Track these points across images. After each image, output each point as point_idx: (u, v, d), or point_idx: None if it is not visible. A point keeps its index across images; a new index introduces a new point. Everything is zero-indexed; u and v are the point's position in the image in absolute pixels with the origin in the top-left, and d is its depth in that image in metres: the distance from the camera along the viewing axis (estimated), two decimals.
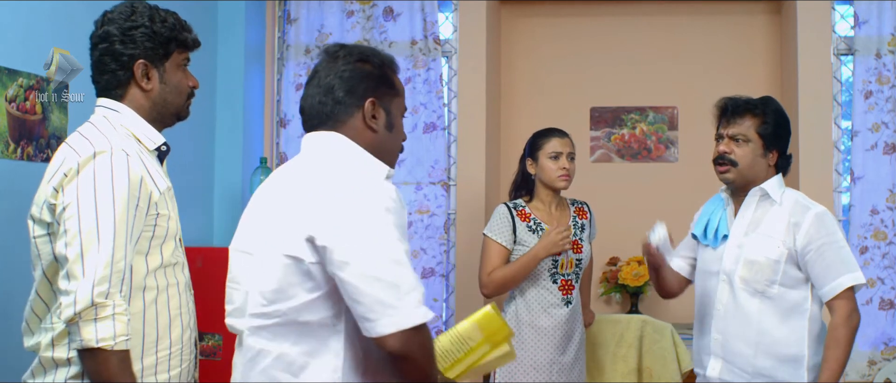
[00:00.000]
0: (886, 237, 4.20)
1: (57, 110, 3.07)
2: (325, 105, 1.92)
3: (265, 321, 1.82)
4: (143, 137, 2.15)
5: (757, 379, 2.69)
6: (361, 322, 1.73)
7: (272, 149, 4.63)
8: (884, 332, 4.20)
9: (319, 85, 1.94)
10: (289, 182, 1.90)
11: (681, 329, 4.19)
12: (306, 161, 1.91)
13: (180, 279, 2.19)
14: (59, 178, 2.00)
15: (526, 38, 4.83)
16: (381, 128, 1.95)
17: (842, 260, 2.62)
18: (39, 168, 2.97)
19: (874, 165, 4.22)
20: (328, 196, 1.76)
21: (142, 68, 2.14)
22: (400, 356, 1.71)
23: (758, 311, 2.68)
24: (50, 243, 2.06)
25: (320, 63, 1.97)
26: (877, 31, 4.24)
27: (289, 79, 4.63)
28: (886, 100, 4.21)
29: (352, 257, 1.70)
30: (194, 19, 2.48)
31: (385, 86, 1.96)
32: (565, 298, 3.42)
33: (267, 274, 1.82)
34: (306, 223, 1.75)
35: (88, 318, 1.90)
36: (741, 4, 4.69)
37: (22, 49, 2.93)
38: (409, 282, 1.72)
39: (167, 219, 2.13)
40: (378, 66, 1.96)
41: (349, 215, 1.73)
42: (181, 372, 2.17)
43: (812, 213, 2.66)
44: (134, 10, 2.15)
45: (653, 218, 4.64)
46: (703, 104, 4.62)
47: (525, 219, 3.45)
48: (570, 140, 3.49)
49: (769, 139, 2.71)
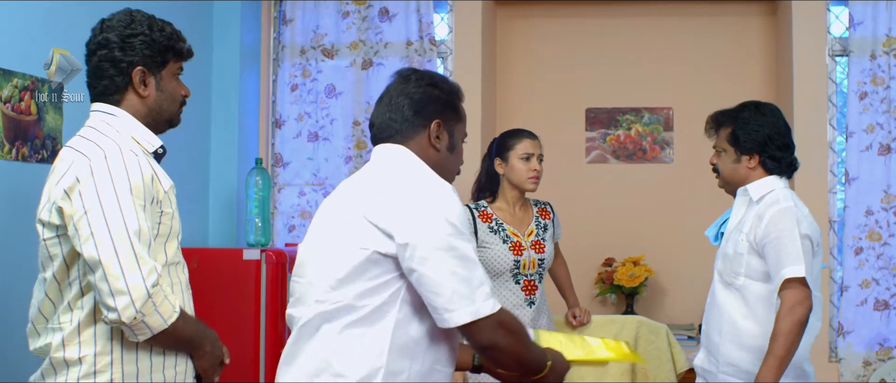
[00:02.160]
0: (881, 238, 4.21)
1: (52, 111, 3.07)
2: (394, 121, 2.07)
3: (327, 307, 1.93)
4: (142, 140, 2.20)
5: (724, 368, 2.78)
6: (441, 313, 1.88)
7: (267, 150, 4.63)
8: (879, 333, 4.21)
9: (390, 104, 2.09)
10: (364, 184, 2.03)
11: (676, 329, 4.20)
12: (380, 167, 2.06)
13: (181, 278, 2.24)
14: (70, 182, 2.04)
15: (521, 39, 4.84)
16: (444, 149, 2.11)
17: (788, 252, 2.65)
18: (34, 169, 2.98)
19: (869, 166, 4.23)
20: (407, 197, 1.92)
21: (140, 75, 2.19)
22: (486, 346, 1.92)
23: (727, 302, 2.80)
24: (60, 245, 2.09)
25: (392, 84, 2.13)
26: (871, 33, 4.25)
27: (284, 79, 4.63)
28: (881, 101, 4.22)
29: (432, 254, 1.86)
30: (189, 20, 2.50)
31: (450, 110, 2.12)
32: (528, 298, 3.43)
33: (337, 263, 1.93)
34: (385, 219, 1.90)
35: (150, 311, 2.00)
36: (736, 5, 4.69)
37: (17, 50, 2.92)
38: (479, 277, 1.91)
39: (171, 218, 2.19)
40: (446, 92, 2.12)
41: (429, 216, 1.89)
42: (181, 371, 2.20)
43: (776, 208, 2.73)
44: (133, 18, 2.20)
45: (649, 219, 4.68)
46: (698, 105, 4.63)
47: (487, 219, 3.45)
48: (539, 142, 3.51)
49: (740, 146, 2.82)
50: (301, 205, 4.58)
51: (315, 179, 4.57)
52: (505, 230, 3.43)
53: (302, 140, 4.58)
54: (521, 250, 3.42)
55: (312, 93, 4.58)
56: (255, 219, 4.09)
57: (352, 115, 4.54)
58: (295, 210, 4.58)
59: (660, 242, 4.60)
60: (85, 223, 2.00)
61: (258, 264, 3.66)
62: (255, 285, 3.64)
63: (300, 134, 4.59)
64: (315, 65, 4.59)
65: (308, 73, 4.59)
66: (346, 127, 4.55)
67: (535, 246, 3.45)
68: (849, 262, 4.25)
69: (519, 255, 3.41)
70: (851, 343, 4.23)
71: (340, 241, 1.94)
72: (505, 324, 1.93)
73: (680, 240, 4.57)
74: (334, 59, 4.57)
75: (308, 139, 4.58)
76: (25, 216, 2.92)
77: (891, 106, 4.21)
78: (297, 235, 4.55)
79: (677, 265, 4.62)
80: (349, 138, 4.54)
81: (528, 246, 3.44)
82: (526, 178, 3.43)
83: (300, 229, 4.56)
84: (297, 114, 4.59)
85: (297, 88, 4.60)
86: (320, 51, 4.58)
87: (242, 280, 3.65)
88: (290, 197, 4.59)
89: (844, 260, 4.27)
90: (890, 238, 4.20)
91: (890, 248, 4.21)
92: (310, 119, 4.58)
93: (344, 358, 1.90)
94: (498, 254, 3.41)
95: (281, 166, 4.60)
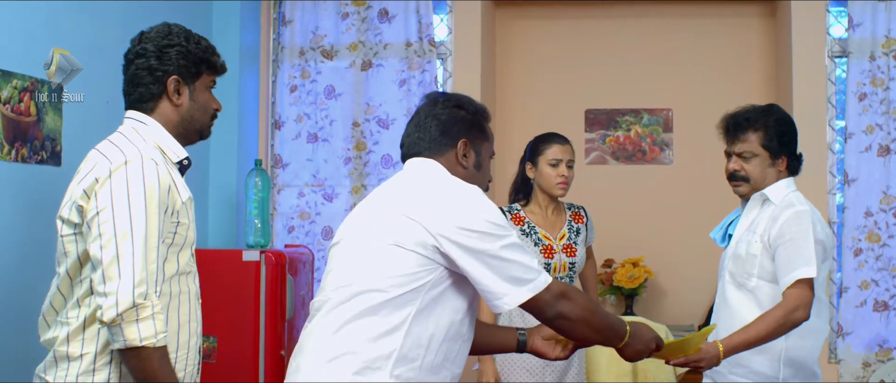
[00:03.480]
0: (880, 239, 4.21)
1: (51, 112, 3.07)
2: (422, 140, 2.19)
3: (352, 290, 1.99)
4: (168, 150, 2.25)
5: (735, 368, 2.76)
6: (492, 300, 1.98)
7: (267, 152, 4.63)
8: (878, 334, 4.21)
9: (419, 125, 2.20)
10: (400, 186, 2.12)
11: (675, 330, 4.20)
12: (414, 174, 2.16)
13: (191, 288, 2.27)
14: (90, 182, 2.09)
15: (521, 40, 4.84)
16: (471, 167, 2.20)
17: (801, 254, 2.64)
18: (34, 169, 2.98)
19: (868, 167, 4.23)
20: (445, 193, 2.03)
21: (174, 84, 2.26)
22: (553, 317, 2.03)
23: (738, 303, 2.79)
24: (75, 243, 2.13)
25: (422, 106, 2.24)
26: (871, 34, 4.25)
27: (283, 81, 4.63)
28: (880, 102, 4.23)
29: (473, 244, 1.96)
30: (189, 21, 2.52)
31: (476, 130, 2.22)
32: None
33: (369, 259, 2.00)
34: (424, 214, 1.98)
35: (131, 319, 2.00)
36: (736, 7, 4.70)
37: (17, 51, 2.92)
38: (524, 259, 2.01)
39: (187, 228, 2.23)
40: (472, 113, 2.22)
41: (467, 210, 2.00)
42: (185, 375, 2.24)
43: (792, 210, 2.72)
44: (171, 30, 2.28)
45: (648, 220, 4.68)
46: (697, 106, 4.66)
47: (519, 222, 3.45)
48: (570, 147, 3.48)
49: (774, 149, 2.78)
50: (300, 206, 4.58)
51: (314, 180, 4.57)
52: (537, 233, 3.43)
53: (301, 141, 4.58)
54: (553, 253, 3.42)
55: (312, 94, 4.58)
56: (255, 220, 4.09)
57: (351, 117, 4.54)
58: (294, 211, 4.58)
59: (659, 243, 4.60)
60: (96, 223, 2.05)
61: (257, 265, 3.66)
62: (255, 286, 3.64)
63: (299, 135, 4.58)
64: (314, 66, 4.59)
65: (307, 74, 4.59)
66: (345, 128, 4.55)
67: (567, 249, 3.44)
68: (848, 264, 4.25)
69: (550, 258, 3.41)
70: (851, 344, 4.23)
71: (375, 235, 2.01)
72: (565, 294, 2.03)
73: (679, 241, 4.58)
74: (334, 60, 4.57)
75: (307, 140, 4.58)
76: (25, 217, 2.93)
77: (890, 107, 4.21)
78: (297, 236, 4.55)
79: (677, 266, 4.62)
80: (348, 139, 4.54)
81: (559, 249, 3.44)
82: (553, 184, 3.43)
83: (299, 230, 4.56)
84: (296, 116, 4.59)
85: (297, 89, 4.60)
86: (320, 52, 4.58)
87: (242, 281, 3.65)
88: (290, 198, 4.59)
89: (844, 261, 4.27)
90: (889, 239, 4.20)
91: (889, 249, 4.21)
92: (309, 120, 4.58)
93: (360, 338, 1.95)
94: None
95: (280, 167, 4.60)
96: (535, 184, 3.49)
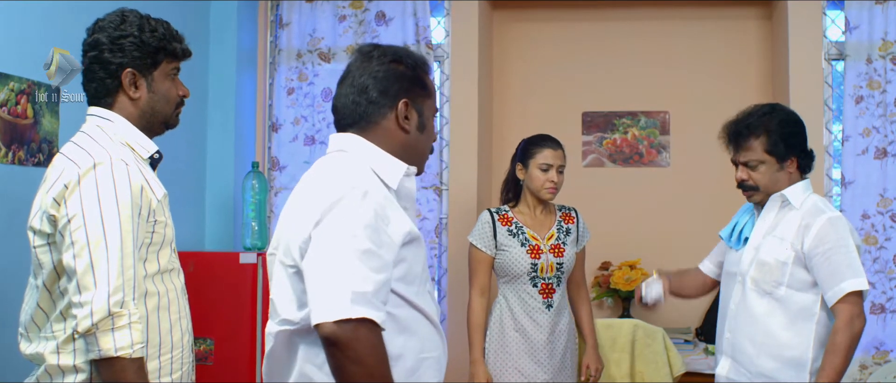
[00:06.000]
0: (877, 242, 4.21)
1: (48, 114, 3.07)
2: (358, 105, 1.96)
3: (290, 327, 1.87)
4: (137, 146, 2.18)
5: (759, 379, 2.70)
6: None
7: (264, 154, 4.62)
8: (875, 337, 4.21)
9: (353, 85, 1.97)
10: (312, 190, 1.95)
11: (672, 333, 4.20)
12: (324, 168, 1.97)
13: (176, 284, 2.22)
14: (59, 189, 2.02)
15: (518, 42, 4.84)
16: (413, 129, 1.99)
17: (848, 264, 2.60)
18: (31, 172, 2.97)
19: (865, 170, 4.23)
20: (323, 198, 1.83)
21: (129, 77, 2.17)
22: (331, 342, 1.70)
23: (765, 312, 2.71)
24: (50, 253, 2.07)
25: (353, 62, 2.00)
26: (867, 37, 4.25)
27: (280, 83, 4.63)
28: (877, 105, 4.23)
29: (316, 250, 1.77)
30: (186, 23, 2.50)
31: (418, 87, 2.00)
32: (546, 301, 3.42)
33: (284, 282, 1.89)
34: (305, 231, 1.83)
35: (106, 328, 1.93)
36: (732, 9, 4.70)
37: (13, 53, 2.92)
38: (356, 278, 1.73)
39: (164, 226, 2.16)
40: (411, 67, 1.99)
41: (332, 219, 1.80)
42: (181, 374, 2.20)
43: (824, 217, 2.67)
44: (124, 18, 2.18)
45: (645, 223, 4.68)
46: (694, 109, 4.66)
47: (506, 223, 3.46)
48: (562, 152, 3.48)
49: (780, 153, 2.72)
50: None
51: None
52: (524, 233, 3.43)
53: (298, 143, 4.58)
54: (539, 253, 3.42)
55: (309, 96, 4.58)
56: (252, 223, 4.09)
57: None
58: None
59: (656, 246, 4.60)
60: (68, 231, 1.98)
61: (254, 268, 3.66)
62: (252, 288, 3.64)
63: (296, 137, 4.58)
64: (311, 68, 4.58)
65: (304, 76, 4.59)
66: None
67: (555, 250, 3.44)
68: None
69: (536, 258, 3.41)
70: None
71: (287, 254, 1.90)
72: (363, 332, 1.71)
73: (676, 244, 4.57)
74: (331, 63, 4.57)
75: (304, 143, 4.57)
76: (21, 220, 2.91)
77: (887, 110, 4.21)
78: None
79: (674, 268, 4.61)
80: None
81: (546, 249, 3.44)
82: (542, 188, 3.43)
83: None
84: (293, 118, 4.59)
85: (294, 92, 4.60)
86: (317, 54, 4.57)
87: (239, 283, 3.65)
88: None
89: None
90: (886, 242, 4.20)
91: (886, 252, 4.21)
92: (306, 122, 4.57)
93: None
94: (515, 256, 3.41)
95: (277, 170, 4.60)
96: (523, 185, 3.49)
